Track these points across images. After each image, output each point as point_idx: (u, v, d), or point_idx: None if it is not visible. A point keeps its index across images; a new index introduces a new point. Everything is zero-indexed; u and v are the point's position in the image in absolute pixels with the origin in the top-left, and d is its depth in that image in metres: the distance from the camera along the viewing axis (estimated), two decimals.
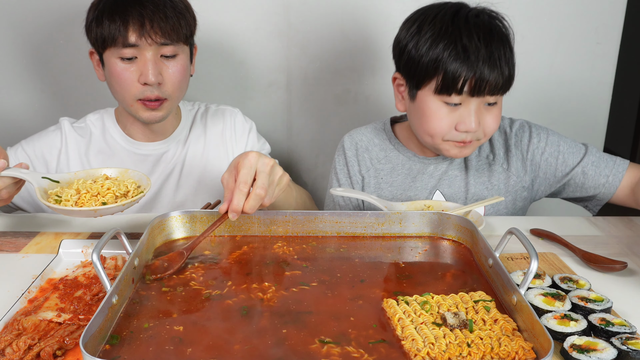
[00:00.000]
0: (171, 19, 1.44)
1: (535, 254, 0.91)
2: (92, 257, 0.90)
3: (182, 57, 1.50)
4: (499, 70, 1.33)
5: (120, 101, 1.53)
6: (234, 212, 1.09)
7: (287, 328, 0.90)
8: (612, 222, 1.42)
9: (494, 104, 1.39)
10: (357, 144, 1.60)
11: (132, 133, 1.62)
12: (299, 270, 1.07)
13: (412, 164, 1.56)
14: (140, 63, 1.44)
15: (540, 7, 1.97)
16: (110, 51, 1.44)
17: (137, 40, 1.41)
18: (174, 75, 1.48)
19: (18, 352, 0.87)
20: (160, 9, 1.43)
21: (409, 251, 1.17)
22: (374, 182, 1.57)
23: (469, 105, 1.36)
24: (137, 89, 1.46)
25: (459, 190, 1.53)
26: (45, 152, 1.60)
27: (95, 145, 1.62)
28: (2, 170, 1.14)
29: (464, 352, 0.83)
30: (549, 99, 2.08)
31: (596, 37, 2.01)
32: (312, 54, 2.02)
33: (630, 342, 0.87)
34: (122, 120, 1.63)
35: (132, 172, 1.22)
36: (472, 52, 1.32)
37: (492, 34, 1.35)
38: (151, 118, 1.51)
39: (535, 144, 1.52)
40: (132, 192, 1.17)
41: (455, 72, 1.32)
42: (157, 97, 1.47)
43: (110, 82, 1.50)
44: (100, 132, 1.63)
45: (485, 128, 1.40)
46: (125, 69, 1.45)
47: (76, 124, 1.64)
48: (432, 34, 1.36)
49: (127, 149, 1.62)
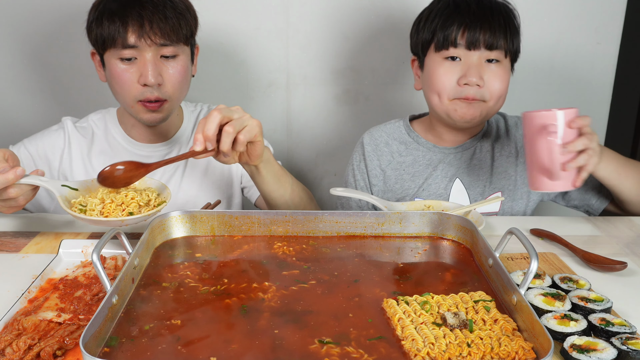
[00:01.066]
0: (171, 19, 1.43)
1: (535, 254, 0.91)
2: (92, 257, 0.90)
3: (182, 58, 1.49)
4: (490, 24, 1.41)
5: (121, 102, 1.52)
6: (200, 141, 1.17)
7: (286, 328, 0.89)
8: (612, 222, 1.42)
9: (496, 61, 1.44)
10: (377, 140, 1.65)
11: (134, 134, 1.61)
12: (299, 270, 1.07)
13: (432, 154, 1.61)
14: (139, 64, 1.44)
15: (541, 7, 1.98)
16: (110, 52, 1.44)
17: (137, 41, 1.41)
18: (174, 76, 1.47)
19: (18, 352, 0.87)
20: (159, 9, 1.42)
21: (409, 251, 1.17)
22: (394, 174, 1.61)
23: (468, 59, 1.43)
24: (137, 90, 1.45)
25: (477, 179, 1.57)
26: (48, 151, 1.59)
27: (98, 145, 1.62)
28: (20, 178, 1.16)
29: (464, 352, 0.83)
30: (549, 99, 2.08)
31: (596, 37, 2.02)
32: (312, 54, 2.02)
33: (630, 342, 0.87)
34: (124, 121, 1.62)
35: (149, 180, 1.25)
36: (464, 7, 1.44)
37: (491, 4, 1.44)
38: (151, 120, 1.51)
39: None
40: (153, 200, 1.20)
41: (448, 26, 1.43)
42: (157, 98, 1.46)
43: (111, 83, 1.49)
44: (102, 133, 1.63)
45: (489, 87, 1.44)
46: (125, 70, 1.44)
47: (78, 124, 1.64)
48: (436, 12, 1.48)
49: (129, 150, 1.61)
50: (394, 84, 2.06)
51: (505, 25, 1.43)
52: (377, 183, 1.64)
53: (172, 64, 1.47)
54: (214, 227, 1.20)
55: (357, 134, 2.10)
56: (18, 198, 1.18)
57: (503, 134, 1.61)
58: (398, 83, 2.06)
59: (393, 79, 2.06)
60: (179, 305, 0.96)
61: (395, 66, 2.03)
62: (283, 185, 1.43)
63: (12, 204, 1.20)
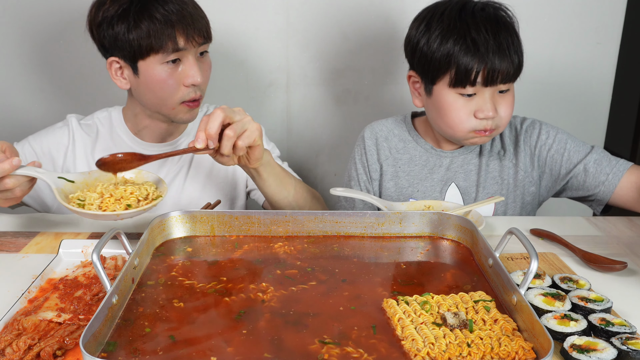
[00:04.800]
0: (202, 17, 1.46)
1: (535, 254, 0.91)
2: (92, 257, 0.90)
3: (208, 54, 1.53)
4: (509, 59, 1.39)
5: (157, 105, 1.49)
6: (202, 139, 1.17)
7: (286, 328, 0.90)
8: (612, 222, 1.42)
9: (506, 91, 1.44)
10: (377, 134, 1.65)
11: (143, 134, 1.61)
12: (299, 270, 1.07)
13: (429, 155, 1.60)
14: (185, 65, 1.44)
15: (541, 8, 1.98)
16: (154, 58, 1.42)
17: (185, 44, 1.41)
18: (207, 72, 1.52)
19: (18, 352, 0.87)
20: (188, 9, 1.43)
21: (409, 251, 1.17)
22: (391, 170, 1.62)
23: (483, 94, 1.42)
24: (183, 92, 1.46)
25: (472, 184, 1.58)
26: (52, 148, 1.59)
27: (102, 143, 1.61)
28: (16, 168, 1.15)
29: (464, 352, 0.83)
30: (549, 99, 2.08)
31: (596, 37, 2.02)
32: (312, 54, 2.02)
33: (630, 342, 0.87)
34: (132, 120, 1.61)
35: (145, 173, 1.24)
36: (482, 44, 1.37)
37: (499, 25, 1.40)
38: (192, 117, 1.53)
39: (543, 140, 1.56)
40: (151, 194, 1.19)
41: (468, 65, 1.38)
42: (200, 96, 1.50)
43: (150, 88, 1.46)
44: (108, 131, 1.62)
45: (501, 115, 1.44)
46: (170, 74, 1.43)
47: (83, 121, 1.63)
48: (441, 30, 1.42)
49: (134, 148, 1.60)
50: (394, 84, 2.06)
51: (516, 53, 1.40)
52: (377, 177, 1.64)
53: (205, 61, 1.50)
54: (214, 227, 1.20)
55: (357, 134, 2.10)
56: (15, 189, 1.17)
57: (498, 136, 1.60)
58: (398, 83, 2.06)
59: (393, 79, 2.06)
60: (178, 306, 0.96)
61: (395, 66, 2.03)
62: (285, 187, 1.43)
63: (9, 195, 1.19)
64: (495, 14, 1.42)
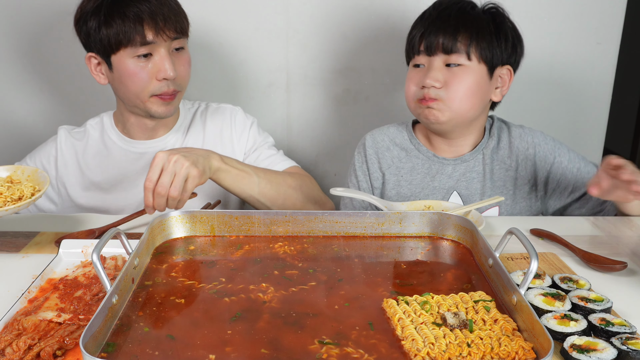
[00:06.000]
0: (176, 13, 1.47)
1: (535, 254, 0.91)
2: (92, 257, 0.90)
3: (187, 50, 1.55)
4: (447, 29, 1.44)
5: (132, 99, 1.53)
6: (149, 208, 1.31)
7: (286, 328, 0.89)
8: (612, 222, 1.42)
9: (457, 65, 1.46)
10: (378, 143, 1.65)
11: (131, 132, 1.64)
12: (299, 271, 1.07)
13: (431, 163, 1.60)
14: (156, 59, 1.46)
15: (541, 7, 1.97)
16: (124, 52, 1.45)
17: (154, 37, 1.43)
18: (184, 67, 1.53)
19: (18, 352, 0.87)
20: (165, 4, 1.45)
21: (409, 251, 1.17)
22: (394, 179, 1.62)
23: (430, 65, 1.48)
24: (154, 86, 1.48)
25: (474, 193, 1.57)
26: (44, 162, 1.66)
27: (93, 147, 1.66)
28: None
29: (464, 352, 0.83)
30: (549, 99, 2.08)
31: (596, 37, 2.01)
32: (312, 54, 2.02)
33: (630, 342, 0.87)
34: (121, 120, 1.65)
35: (27, 168, 1.27)
36: (427, 17, 1.50)
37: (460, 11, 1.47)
38: (166, 111, 1.54)
39: (558, 161, 1.56)
40: (25, 197, 1.20)
41: (413, 35, 1.51)
42: (174, 90, 1.51)
43: (122, 82, 1.50)
44: (99, 134, 1.67)
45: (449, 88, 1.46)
46: (142, 68, 1.46)
47: (76, 130, 1.69)
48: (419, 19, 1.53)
49: (123, 148, 1.64)
50: (394, 84, 2.06)
51: (472, 30, 1.44)
52: (378, 186, 1.64)
53: (181, 56, 1.52)
54: (214, 227, 1.20)
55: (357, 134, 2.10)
56: None
57: (504, 145, 1.59)
58: (398, 83, 2.05)
59: (393, 79, 2.05)
60: (178, 306, 0.96)
61: (395, 66, 2.02)
62: (248, 185, 1.45)
63: None
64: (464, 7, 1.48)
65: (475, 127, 1.57)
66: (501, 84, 1.53)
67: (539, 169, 1.57)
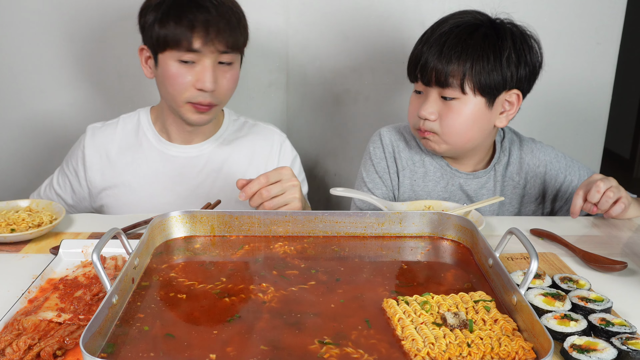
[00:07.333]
0: (234, 28, 1.45)
1: (535, 254, 0.91)
2: (92, 257, 0.90)
3: (236, 66, 1.52)
4: (439, 61, 1.38)
5: (169, 100, 1.53)
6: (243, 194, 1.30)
7: (286, 328, 0.90)
8: (612, 222, 1.42)
9: (452, 99, 1.41)
10: (393, 143, 1.63)
11: (169, 132, 1.63)
12: (299, 271, 1.08)
13: (443, 172, 1.59)
14: (198, 68, 1.45)
15: (540, 7, 1.98)
16: (169, 53, 1.44)
17: (201, 46, 1.42)
18: (228, 83, 1.50)
19: (18, 352, 0.87)
20: (224, 17, 1.44)
21: (409, 251, 1.17)
22: (408, 182, 1.61)
23: (429, 94, 1.44)
24: (190, 93, 1.47)
25: (483, 208, 1.56)
26: (74, 163, 1.66)
27: (125, 141, 1.64)
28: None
29: (464, 352, 0.83)
30: (549, 99, 2.08)
31: (596, 37, 2.02)
32: (311, 54, 2.02)
33: (630, 342, 0.87)
34: (160, 117, 1.63)
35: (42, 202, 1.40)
36: (425, 42, 1.43)
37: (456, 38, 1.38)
38: (199, 121, 1.53)
39: (568, 180, 1.57)
40: (45, 223, 1.31)
41: (411, 59, 1.47)
42: (210, 102, 1.49)
43: (163, 81, 1.50)
44: (133, 128, 1.65)
45: (442, 122, 1.43)
46: (183, 73, 1.45)
47: (108, 123, 1.67)
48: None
49: (157, 148, 1.63)
50: (394, 84, 2.06)
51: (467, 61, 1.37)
52: (395, 184, 1.63)
53: (227, 71, 1.50)
54: (214, 227, 1.20)
55: (357, 134, 2.10)
56: None
57: (514, 160, 1.58)
58: (398, 83, 2.05)
59: (393, 79, 2.05)
60: (178, 306, 0.96)
61: (395, 66, 2.03)
62: None
63: None
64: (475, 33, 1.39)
65: (482, 149, 1.56)
66: (508, 107, 1.46)
67: (548, 187, 1.57)
